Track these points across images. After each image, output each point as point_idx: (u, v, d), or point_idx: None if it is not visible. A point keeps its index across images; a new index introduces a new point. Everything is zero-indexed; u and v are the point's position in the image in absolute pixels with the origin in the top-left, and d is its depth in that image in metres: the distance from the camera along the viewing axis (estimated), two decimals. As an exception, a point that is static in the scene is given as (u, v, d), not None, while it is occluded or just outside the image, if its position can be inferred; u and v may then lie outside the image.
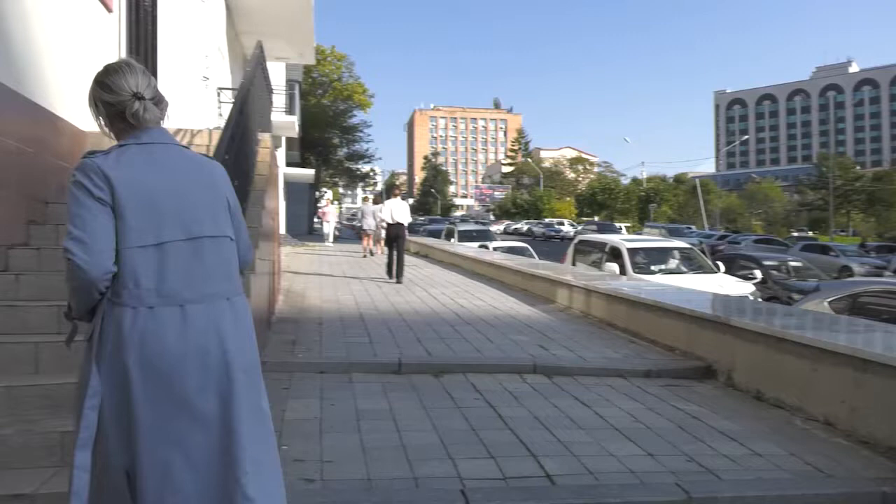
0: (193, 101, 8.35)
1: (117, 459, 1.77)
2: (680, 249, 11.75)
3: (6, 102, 4.00)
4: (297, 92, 22.83)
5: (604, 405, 4.44)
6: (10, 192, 4.09)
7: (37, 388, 3.07)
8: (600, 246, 11.75)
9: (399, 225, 11.28)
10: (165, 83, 7.56)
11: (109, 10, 6.07)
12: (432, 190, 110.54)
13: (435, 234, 27.70)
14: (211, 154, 6.02)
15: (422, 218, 65.10)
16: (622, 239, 12.29)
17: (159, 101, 1.99)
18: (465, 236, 23.06)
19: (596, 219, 60.14)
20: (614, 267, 10.56)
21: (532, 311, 8.43)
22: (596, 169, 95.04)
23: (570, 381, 5.08)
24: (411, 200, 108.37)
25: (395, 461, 3.33)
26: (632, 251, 10.83)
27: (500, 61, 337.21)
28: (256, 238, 4.82)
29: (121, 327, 1.77)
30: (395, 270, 11.28)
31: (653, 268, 10.70)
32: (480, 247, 19.32)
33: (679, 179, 76.78)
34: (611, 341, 6.53)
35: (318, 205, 23.43)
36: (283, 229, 14.01)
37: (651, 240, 14.24)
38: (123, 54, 6.50)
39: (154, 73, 7.18)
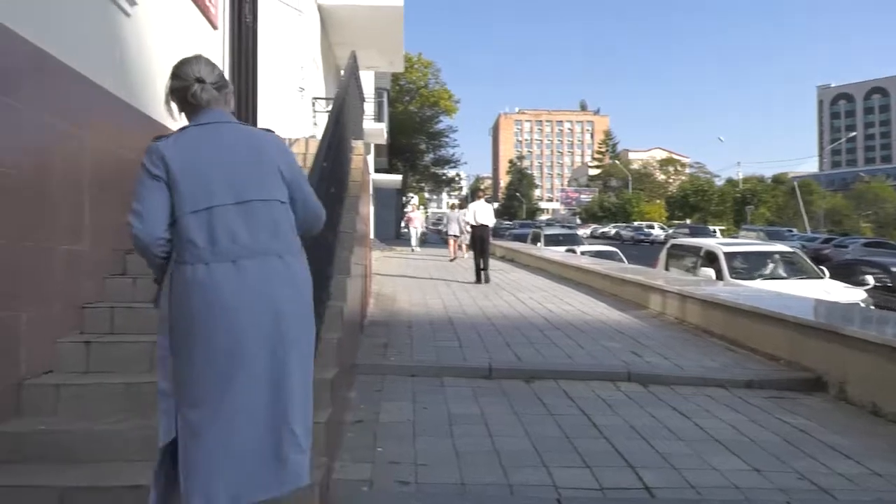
0: (290, 111, 8.69)
1: (184, 399, 2.04)
2: (781, 254, 11.14)
3: (123, 116, 4.28)
4: (385, 99, 23.32)
5: (703, 416, 4.27)
6: (130, 200, 4.36)
7: (153, 385, 3.24)
8: (695, 250, 11.32)
9: (483, 227, 11.74)
10: (265, 95, 7.89)
11: (215, 27, 6.40)
12: (517, 194, 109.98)
13: (521, 238, 27.56)
14: (308, 163, 6.24)
15: (507, 222, 64.90)
16: (718, 243, 11.79)
17: (221, 87, 2.24)
18: (552, 240, 22.79)
19: (688, 222, 58.10)
20: (710, 272, 10.14)
21: (623, 316, 8.23)
22: (688, 170, 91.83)
23: (667, 390, 4.92)
24: (496, 204, 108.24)
25: (488, 467, 3.33)
26: (729, 255, 10.36)
27: (587, 63, 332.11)
28: (351, 243, 4.94)
29: (183, 282, 2.03)
30: (481, 271, 11.68)
31: (752, 273, 10.20)
32: (567, 251, 19.06)
33: (778, 180, 72.90)
34: (708, 349, 6.28)
35: (405, 210, 23.94)
36: (372, 234, 14.32)
37: (749, 243, 13.58)
38: (226, 68, 6.84)
39: (254, 85, 7.51)
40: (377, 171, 26.14)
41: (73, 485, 2.64)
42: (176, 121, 2.34)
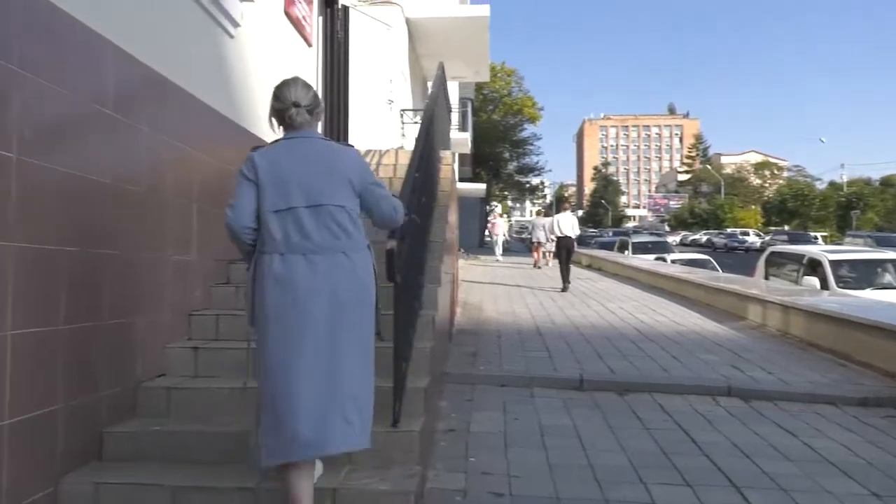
0: (379, 123, 8.90)
1: (259, 365, 2.50)
2: (893, 262, 10.39)
3: (226, 131, 4.50)
4: (469, 109, 23.44)
5: (813, 435, 4.03)
6: (231, 212, 4.57)
7: (255, 391, 3.37)
8: (797, 258, 10.73)
9: (567, 237, 12.10)
10: (355, 108, 8.11)
11: (309, 44, 6.65)
12: (602, 201, 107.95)
13: (607, 247, 26.99)
14: (399, 173, 6.34)
15: (592, 230, 63.76)
16: (823, 250, 11.12)
17: (313, 109, 2.63)
18: (640, 248, 22.20)
19: (786, 228, 55.18)
20: (814, 281, 9.59)
21: (720, 328, 7.89)
22: (785, 173, 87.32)
23: (771, 406, 4.68)
24: (580, 212, 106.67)
25: (583, 481, 3.26)
26: (835, 263, 9.76)
27: (676, 66, 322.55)
28: (441, 252, 4.98)
29: (262, 269, 2.49)
30: (564, 280, 11.93)
31: (861, 282, 9.56)
32: (657, 259, 18.51)
33: (888, 182, 68.13)
34: (814, 363, 5.93)
35: (489, 218, 23.95)
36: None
37: (857, 250, 12.76)
38: (320, 83, 7.08)
39: (345, 99, 7.73)
40: (461, 180, 26.23)
41: (184, 484, 2.77)
42: (275, 133, 2.66)
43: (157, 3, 3.61)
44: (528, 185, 51.99)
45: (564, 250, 12.06)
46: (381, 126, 8.93)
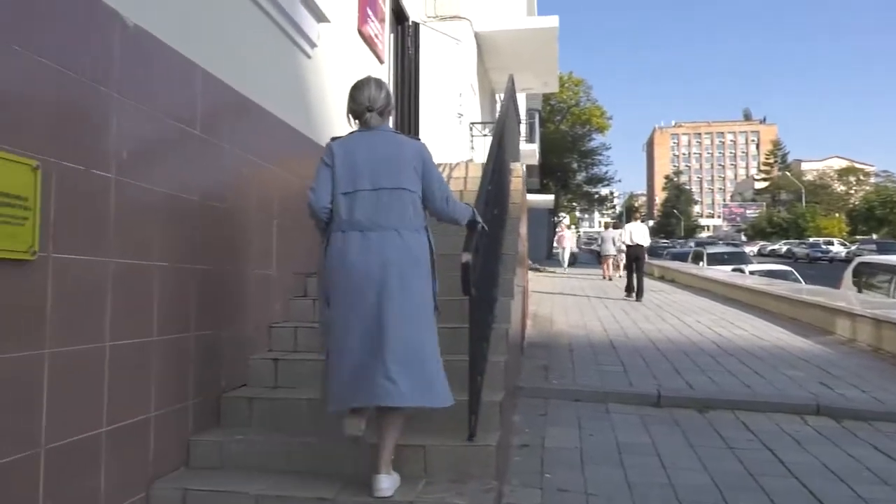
0: (449, 136, 8.97)
1: (326, 325, 2.87)
2: None
3: (304, 148, 4.62)
4: (536, 120, 23.35)
5: (914, 459, 3.78)
6: (309, 226, 4.70)
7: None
8: (890, 268, 10.14)
9: (639, 247, 12.19)
10: (426, 122, 8.21)
11: (382, 61, 6.78)
12: (674, 211, 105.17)
13: (680, 258, 26.25)
14: (469, 186, 6.37)
15: (664, 240, 62.16)
16: (918, 261, 10.49)
17: (384, 110, 2.96)
18: (716, 259, 21.50)
19: (874, 237, 52.28)
20: (909, 294, 9.05)
21: (805, 342, 7.53)
22: (872, 179, 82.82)
23: (865, 426, 4.42)
24: (651, 222, 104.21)
25: (663, 501, 3.16)
26: (932, 275, 9.18)
27: (750, 70, 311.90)
28: (513, 265, 4.96)
29: (331, 243, 2.85)
30: (635, 289, 12.05)
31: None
32: (734, 270, 17.87)
33: None
34: (913, 382, 5.57)
35: (557, 230, 23.62)
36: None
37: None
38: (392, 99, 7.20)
39: (416, 113, 7.84)
40: (529, 191, 26.12)
41: (267, 493, 2.84)
42: (352, 126, 3.00)
43: (241, 28, 3.77)
44: (596, 196, 51.18)
45: (634, 259, 12.23)
46: (451, 139, 9.00)
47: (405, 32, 7.95)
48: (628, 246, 12.39)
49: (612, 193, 60.19)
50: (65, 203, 2.32)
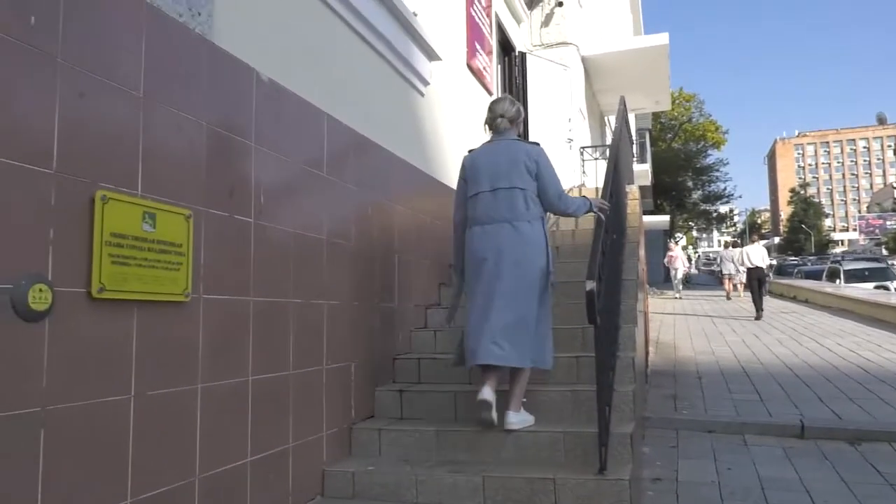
0: (560, 162, 8.92)
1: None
2: None
3: (419, 183, 4.76)
4: (647, 140, 22.75)
5: None
6: (428, 260, 4.81)
7: (458, 434, 3.45)
8: None
9: (758, 268, 12.85)
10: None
11: (490, 93, 6.88)
12: (803, 226, 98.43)
13: (813, 276, 24.47)
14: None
15: (793, 258, 58.17)
16: None
17: (514, 119, 3.58)
18: (855, 276, 19.81)
19: None
20: None
21: (971, 367, 6.76)
22: None
23: None
24: (777, 239, 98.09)
25: (819, 543, 2.91)
26: None
27: (881, 69, 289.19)
28: (635, 290, 4.82)
29: (466, 238, 3.52)
30: (757, 308, 12.44)
31: None
32: (877, 287, 16.42)
33: None
34: None
35: (669, 252, 21.46)
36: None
37: None
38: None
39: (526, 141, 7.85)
40: (643, 213, 25.38)
41: (399, 523, 2.89)
42: (487, 136, 3.63)
43: (361, 74, 3.96)
44: (715, 214, 48.85)
45: (756, 281, 12.73)
46: (562, 165, 8.95)
47: (512, 63, 8.04)
48: (748, 269, 12.98)
49: (731, 211, 57.21)
50: (212, 247, 2.51)
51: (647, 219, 26.04)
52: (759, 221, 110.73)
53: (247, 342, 2.71)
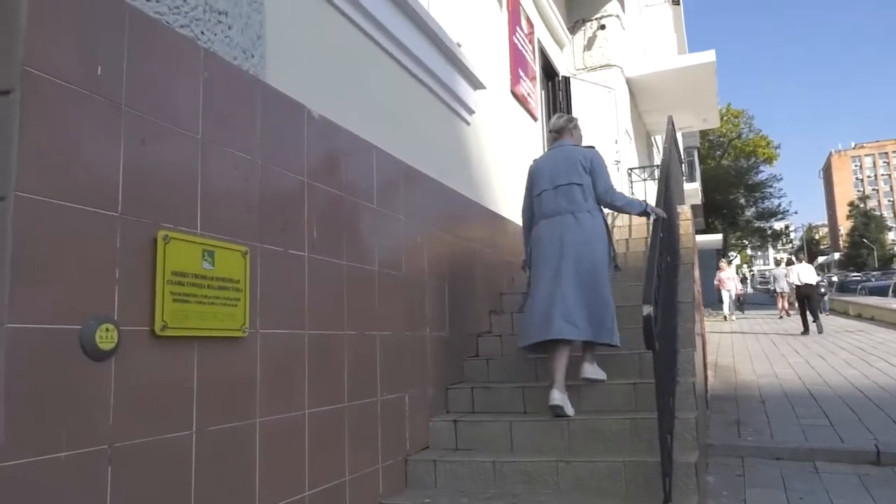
0: (607, 184, 8.81)
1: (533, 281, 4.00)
2: None
3: (470, 212, 4.76)
4: (695, 158, 22.35)
5: None
6: (478, 288, 4.79)
7: (514, 465, 3.39)
8: None
9: (808, 286, 13.51)
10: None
11: (535, 118, 6.89)
12: (863, 240, 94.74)
13: (878, 292, 23.46)
14: (633, 234, 6.19)
15: (855, 274, 55.96)
16: None
17: (561, 130, 4.16)
18: (924, 292, 18.94)
19: None
20: None
21: None
22: None
23: None
24: (837, 255, 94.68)
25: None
26: None
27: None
28: (692, 313, 4.70)
29: (533, 231, 4.05)
30: (810, 324, 13.05)
31: None
32: (949, 303, 15.64)
33: None
34: None
35: (720, 274, 19.63)
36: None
37: None
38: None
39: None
40: (695, 232, 24.82)
41: (459, 558, 2.84)
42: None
43: (408, 106, 4.02)
44: (770, 231, 47.48)
45: (805, 298, 13.49)
46: (610, 187, 8.86)
47: (556, 87, 8.04)
48: (797, 286, 13.63)
49: (787, 227, 55.54)
50: (267, 282, 2.55)
51: (700, 238, 25.44)
52: (816, 237, 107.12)
53: (302, 375, 2.73)
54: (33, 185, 1.70)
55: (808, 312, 13.23)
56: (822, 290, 18.39)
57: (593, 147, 4.11)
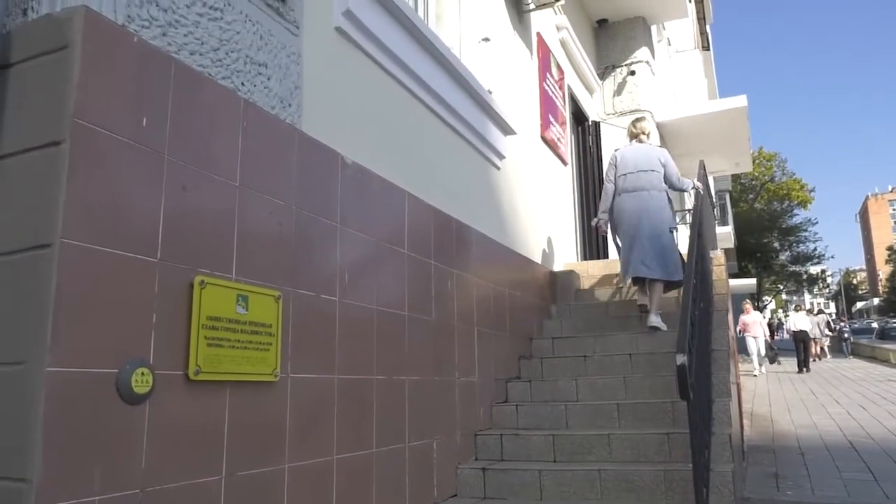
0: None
1: (621, 247, 5.49)
2: None
3: (500, 256, 4.77)
4: (728, 201, 22.14)
5: None
6: (506, 332, 4.76)
7: None
8: None
9: (802, 332, 16.32)
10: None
11: (565, 163, 6.92)
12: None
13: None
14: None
15: (895, 321, 54.23)
16: None
17: (636, 135, 5.58)
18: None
19: None
20: None
21: None
22: None
23: None
24: (876, 300, 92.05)
25: None
26: None
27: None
28: (727, 361, 4.59)
29: (616, 203, 5.43)
30: (805, 366, 15.80)
31: None
32: None
33: None
34: None
35: (745, 317, 16.24)
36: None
37: None
38: (576, 197, 7.26)
39: (602, 210, 7.82)
40: (728, 276, 24.40)
41: None
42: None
43: (440, 152, 4.08)
44: (805, 276, 46.49)
45: (801, 343, 16.11)
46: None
47: (586, 132, 8.08)
48: (794, 332, 15.89)
49: (824, 272, 54.32)
50: (299, 327, 2.57)
51: (733, 282, 25.03)
52: (854, 282, 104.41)
53: (331, 420, 2.73)
54: (78, 232, 1.75)
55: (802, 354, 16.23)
56: (830, 333, 20.34)
57: (663, 147, 5.84)
